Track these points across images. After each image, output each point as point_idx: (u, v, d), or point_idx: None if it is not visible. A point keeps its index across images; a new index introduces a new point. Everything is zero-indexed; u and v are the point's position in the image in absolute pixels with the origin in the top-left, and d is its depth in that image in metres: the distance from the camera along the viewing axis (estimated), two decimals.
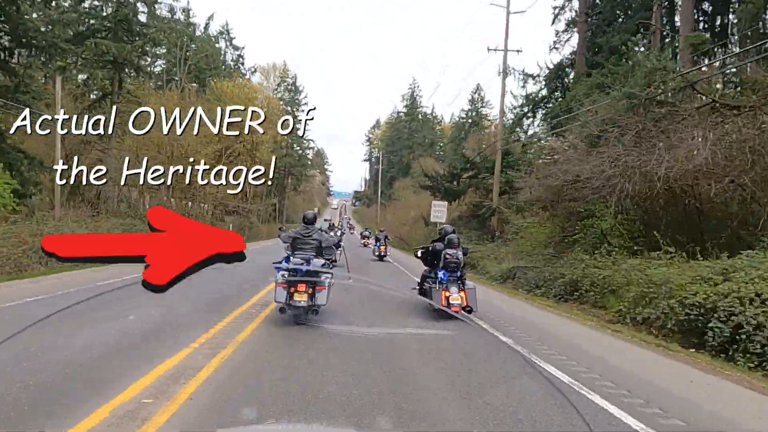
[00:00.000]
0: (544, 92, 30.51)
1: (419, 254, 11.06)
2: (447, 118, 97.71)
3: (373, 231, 35.38)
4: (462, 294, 9.44)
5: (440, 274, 9.68)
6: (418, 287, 10.90)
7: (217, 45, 57.80)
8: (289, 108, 64.89)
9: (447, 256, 9.71)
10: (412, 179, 73.58)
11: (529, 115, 31.31)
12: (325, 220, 50.56)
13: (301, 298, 7.96)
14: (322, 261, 8.89)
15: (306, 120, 4.23)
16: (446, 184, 29.61)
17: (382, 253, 25.56)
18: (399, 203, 67.14)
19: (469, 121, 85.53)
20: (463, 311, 9.28)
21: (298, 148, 67.69)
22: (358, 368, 5.99)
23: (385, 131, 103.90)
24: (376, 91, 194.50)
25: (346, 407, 4.63)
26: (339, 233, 32.09)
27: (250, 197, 48.12)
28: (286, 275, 8.08)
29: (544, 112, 31.04)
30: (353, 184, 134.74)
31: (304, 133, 64.94)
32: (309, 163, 75.71)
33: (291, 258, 8.65)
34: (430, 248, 10.41)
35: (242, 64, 58.39)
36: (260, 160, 43.37)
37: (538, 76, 31.19)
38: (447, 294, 9.38)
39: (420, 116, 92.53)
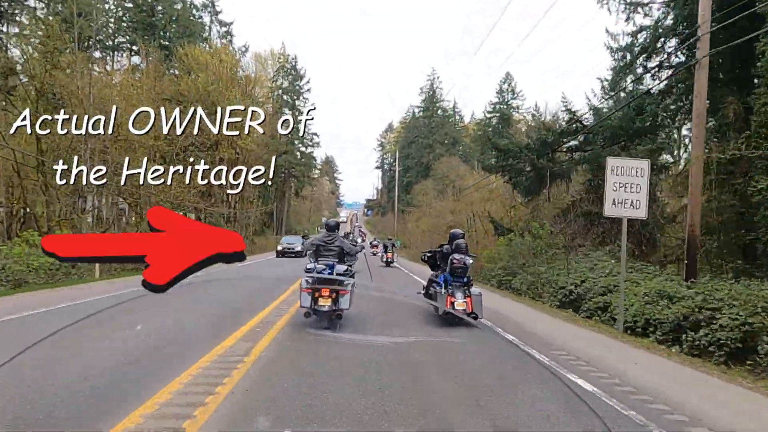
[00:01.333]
0: (668, 21, 19.46)
1: (425, 257, 11.02)
2: (467, 118, 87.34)
3: (382, 240, 37.09)
4: (468, 300, 9.39)
5: (442, 277, 9.72)
6: (424, 291, 10.97)
7: (200, 20, 47.49)
8: (287, 97, 54.29)
9: (454, 261, 9.60)
10: (434, 180, 63.24)
11: (639, 63, 20.13)
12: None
13: (325, 303, 8.25)
14: (345, 267, 9.07)
15: (306, 120, 4.66)
16: (536, 160, 17.05)
17: (389, 260, 27.61)
18: (420, 210, 56.10)
19: (497, 115, 74.94)
20: (468, 317, 9.30)
21: (300, 144, 56.87)
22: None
23: (399, 132, 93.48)
24: (377, 87, 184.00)
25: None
26: (359, 240, 34.07)
27: (235, 202, 37.32)
28: (310, 281, 8.33)
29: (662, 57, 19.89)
30: (365, 194, 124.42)
31: (304, 133, 54.23)
32: (314, 163, 64.80)
33: (315, 265, 8.84)
34: (438, 252, 10.45)
35: (230, 41, 47.91)
36: (243, 149, 32.68)
37: (652, 1, 20.16)
38: (452, 299, 9.39)
39: (440, 111, 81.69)
